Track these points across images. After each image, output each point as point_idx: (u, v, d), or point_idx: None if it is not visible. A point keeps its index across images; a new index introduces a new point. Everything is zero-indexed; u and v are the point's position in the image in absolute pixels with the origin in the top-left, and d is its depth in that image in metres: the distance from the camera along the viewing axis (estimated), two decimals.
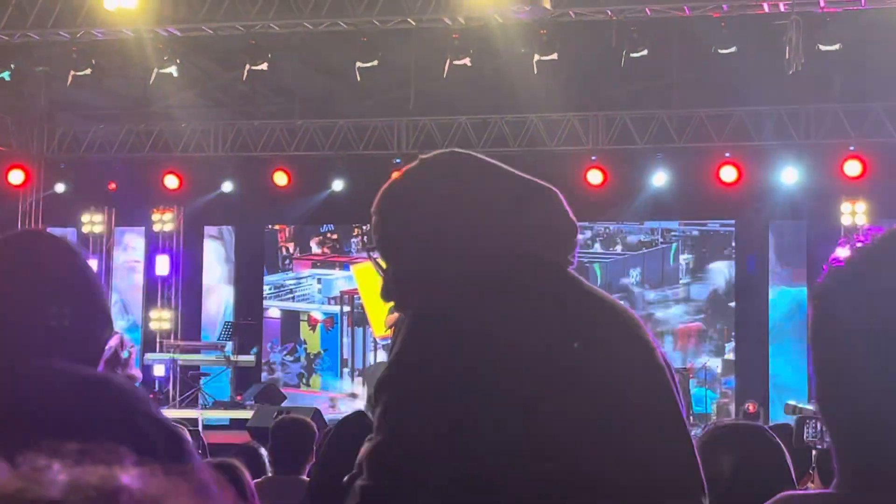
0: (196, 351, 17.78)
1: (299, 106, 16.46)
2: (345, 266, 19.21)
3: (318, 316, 19.27)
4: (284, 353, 19.22)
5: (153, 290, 19.11)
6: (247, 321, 18.50)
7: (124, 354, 5.87)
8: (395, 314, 11.01)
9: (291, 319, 19.38)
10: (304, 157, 17.00)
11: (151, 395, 17.06)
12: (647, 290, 18.08)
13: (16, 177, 17.95)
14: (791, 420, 5.70)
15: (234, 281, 19.23)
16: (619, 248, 18.27)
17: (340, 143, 16.84)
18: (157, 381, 17.67)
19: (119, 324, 19.07)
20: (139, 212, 19.02)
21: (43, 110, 16.15)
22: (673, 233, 18.10)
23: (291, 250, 19.43)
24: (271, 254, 19.40)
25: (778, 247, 17.44)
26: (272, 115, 16.77)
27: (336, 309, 19.26)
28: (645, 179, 16.89)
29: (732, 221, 17.75)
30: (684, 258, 18.00)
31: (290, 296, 19.43)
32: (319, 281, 19.37)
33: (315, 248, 19.37)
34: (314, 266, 19.36)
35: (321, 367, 19.20)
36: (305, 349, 19.26)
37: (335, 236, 19.18)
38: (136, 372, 4.59)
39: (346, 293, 19.22)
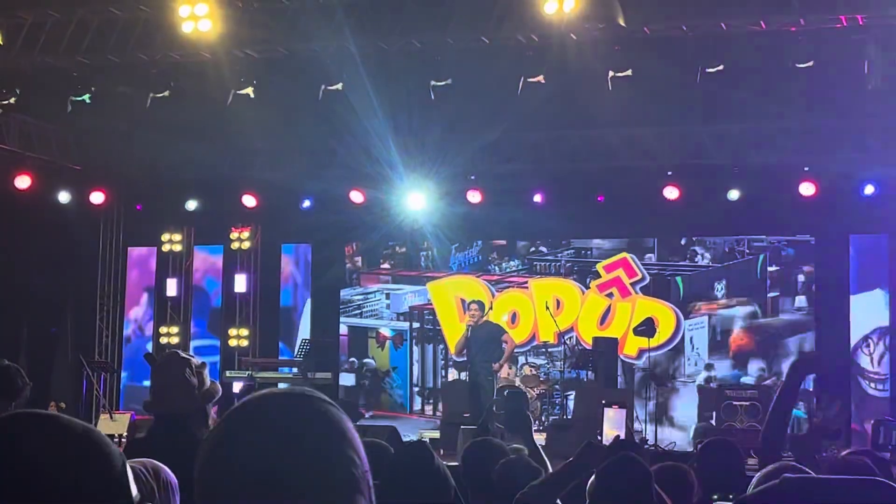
0: (274, 368, 17.90)
1: None
2: (415, 281, 19.15)
3: (386, 332, 19.20)
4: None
5: (231, 308, 19.31)
6: (323, 338, 18.58)
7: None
8: (463, 338, 11.07)
9: (359, 336, 19.32)
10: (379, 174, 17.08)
11: None
12: (733, 302, 17.80)
13: (97, 197, 18.25)
14: None
15: (311, 298, 19.33)
16: (701, 261, 18.02)
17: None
18: (235, 398, 17.77)
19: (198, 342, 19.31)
20: (217, 230, 19.25)
21: (122, 131, 16.39)
22: (759, 243, 17.81)
23: (360, 265, 19.40)
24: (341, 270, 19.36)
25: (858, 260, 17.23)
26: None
27: (405, 325, 19.19)
28: (721, 194, 16.74)
29: (809, 237, 17.53)
30: (772, 270, 17.69)
31: (358, 312, 19.36)
32: (388, 296, 19.28)
33: (384, 264, 19.31)
34: (382, 281, 19.30)
35: (390, 385, 19.08)
36: (374, 367, 19.17)
37: (403, 250, 19.16)
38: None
39: (416, 308, 19.14)
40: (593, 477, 4.69)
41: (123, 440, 14.93)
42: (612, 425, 14.15)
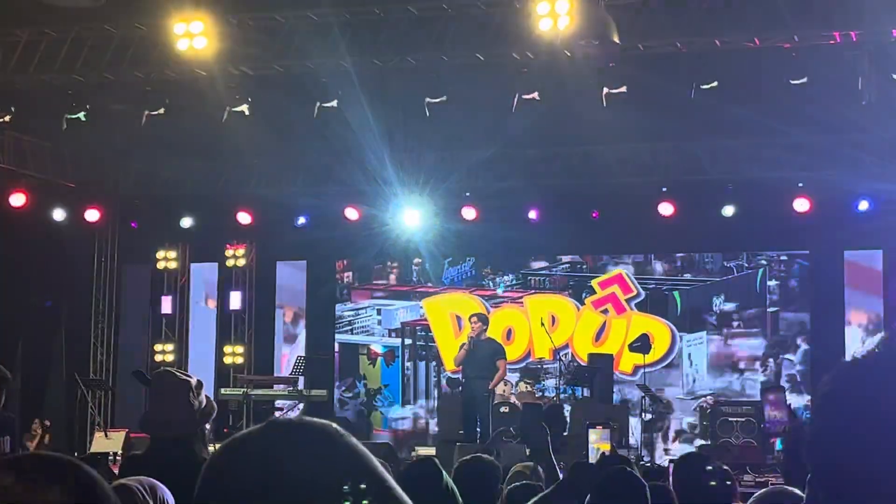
0: (269, 385, 17.86)
1: None
2: (405, 296, 19.08)
3: (378, 349, 19.13)
4: (343, 388, 19.00)
5: (226, 325, 19.27)
6: (319, 355, 18.53)
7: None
8: (464, 351, 11.01)
9: (350, 353, 19.21)
10: (374, 192, 17.10)
11: (225, 430, 17.19)
12: (732, 316, 17.77)
13: (91, 214, 18.24)
14: None
15: (305, 316, 19.29)
16: (699, 275, 18.01)
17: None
18: (230, 415, 17.76)
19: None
20: (212, 247, 19.24)
21: (118, 149, 16.40)
22: (760, 258, 17.81)
23: (350, 280, 19.30)
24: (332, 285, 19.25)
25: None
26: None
27: (397, 342, 19.12)
28: (715, 210, 16.77)
29: (806, 252, 17.54)
30: (771, 284, 17.67)
31: (349, 328, 19.25)
32: (379, 312, 19.19)
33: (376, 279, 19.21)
34: (374, 297, 19.22)
35: (382, 403, 18.95)
36: (365, 384, 19.03)
37: (395, 265, 19.10)
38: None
39: (408, 325, 19.06)
40: (591, 491, 4.70)
41: (118, 458, 14.89)
42: (600, 443, 14.19)
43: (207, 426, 4.68)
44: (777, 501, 3.83)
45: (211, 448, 4.81)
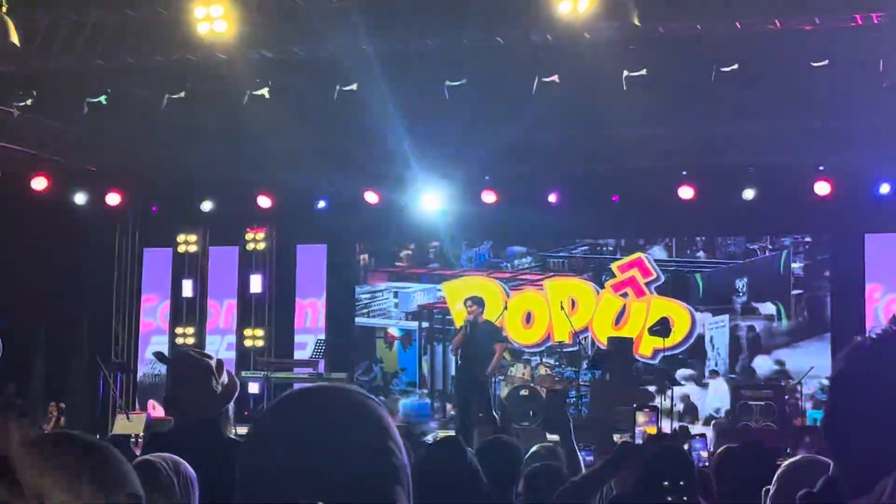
0: (289, 368, 17.92)
1: None
2: (422, 278, 19.06)
3: (394, 332, 19.13)
4: (359, 372, 19.03)
5: (246, 309, 19.33)
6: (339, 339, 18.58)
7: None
8: (461, 335, 11.06)
9: (367, 336, 19.23)
10: (394, 175, 17.11)
11: (246, 413, 17.26)
12: (754, 300, 17.73)
13: (112, 198, 18.32)
14: None
15: (325, 299, 19.31)
16: (720, 258, 17.98)
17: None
18: (251, 399, 17.83)
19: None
20: (233, 231, 19.29)
21: (138, 133, 16.43)
22: (784, 240, 17.74)
23: (366, 262, 19.30)
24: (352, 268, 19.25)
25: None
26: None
27: (414, 325, 19.11)
28: (736, 194, 16.72)
29: (825, 236, 17.49)
30: (796, 266, 17.62)
31: (365, 310, 19.27)
32: (396, 294, 19.20)
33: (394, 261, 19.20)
34: (391, 279, 19.20)
35: (399, 387, 18.95)
36: (381, 368, 19.04)
37: (412, 247, 19.10)
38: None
39: (425, 307, 19.06)
40: (639, 468, 4.75)
41: (140, 440, 14.98)
42: (646, 424, 14.22)
43: (231, 405, 4.69)
44: (806, 473, 3.83)
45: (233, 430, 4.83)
